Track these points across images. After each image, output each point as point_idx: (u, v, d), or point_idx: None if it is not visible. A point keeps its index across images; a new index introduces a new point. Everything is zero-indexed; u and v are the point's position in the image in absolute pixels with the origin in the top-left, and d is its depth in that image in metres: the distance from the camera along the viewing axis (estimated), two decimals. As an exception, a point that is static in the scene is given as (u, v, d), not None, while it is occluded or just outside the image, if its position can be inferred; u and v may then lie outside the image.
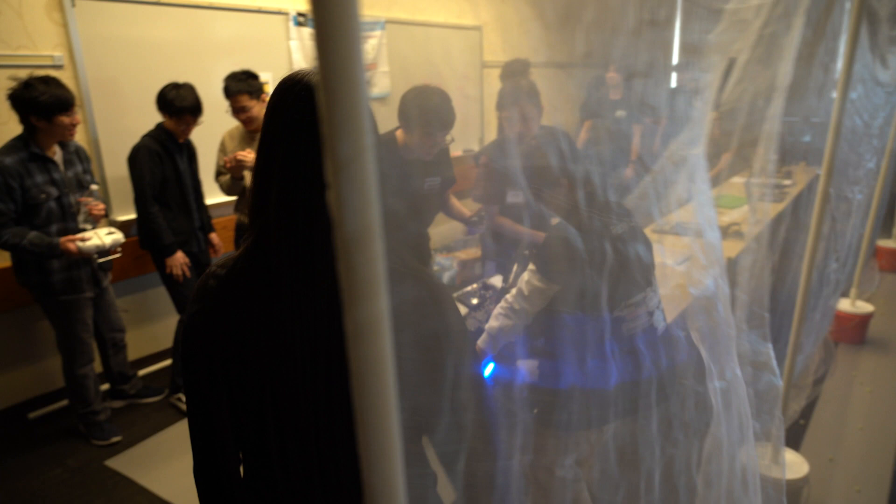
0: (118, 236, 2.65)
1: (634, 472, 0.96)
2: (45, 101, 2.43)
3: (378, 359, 0.45)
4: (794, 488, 2.29)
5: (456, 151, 3.07)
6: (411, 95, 2.41)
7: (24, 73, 2.47)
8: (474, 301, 2.18)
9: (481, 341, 1.83)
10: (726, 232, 3.58)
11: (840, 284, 3.21)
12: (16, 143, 2.51)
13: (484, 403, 0.72)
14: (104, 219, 2.80)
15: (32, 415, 3.10)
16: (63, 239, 2.52)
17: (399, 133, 2.49)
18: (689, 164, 0.92)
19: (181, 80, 2.95)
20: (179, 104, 2.86)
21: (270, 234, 0.89)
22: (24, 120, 2.48)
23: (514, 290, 1.78)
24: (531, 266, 1.73)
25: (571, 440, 1.36)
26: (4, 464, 2.75)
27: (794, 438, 2.78)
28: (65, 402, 3.09)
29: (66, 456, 2.83)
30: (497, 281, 2.26)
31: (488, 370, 1.90)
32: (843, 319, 3.67)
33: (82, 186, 2.73)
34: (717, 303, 1.01)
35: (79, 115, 2.60)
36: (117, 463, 2.76)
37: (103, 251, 2.62)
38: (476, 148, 5.31)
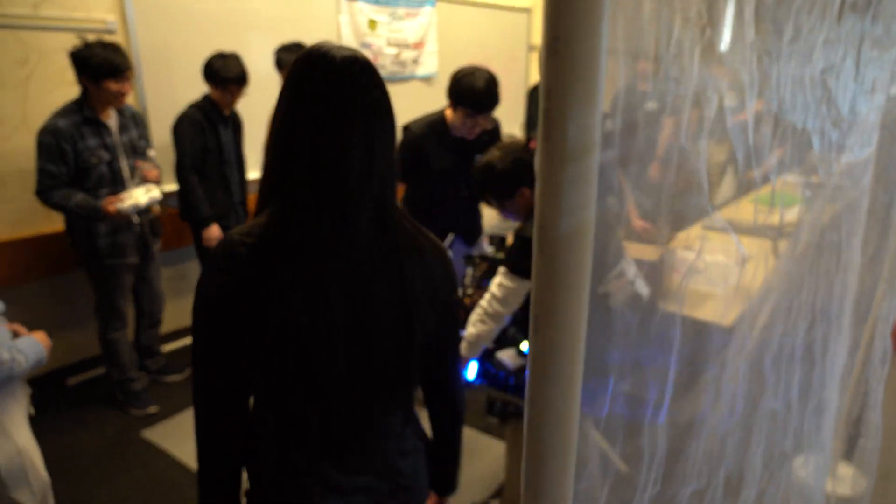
0: (155, 194, 2.62)
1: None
2: (95, 63, 2.42)
3: (568, 378, 0.38)
4: (851, 505, 2.19)
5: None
6: (460, 75, 2.40)
7: (92, 37, 2.48)
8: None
9: (462, 349, 1.81)
10: (781, 232, 3.44)
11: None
12: (71, 107, 2.53)
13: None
14: (156, 184, 2.79)
15: (71, 381, 3.12)
16: (104, 201, 2.52)
17: (448, 111, 2.51)
18: (856, 169, 0.84)
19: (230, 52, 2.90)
20: (225, 74, 2.81)
21: (303, 203, 0.90)
22: (78, 80, 2.49)
23: (487, 295, 1.77)
24: (501, 268, 1.72)
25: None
26: (42, 429, 2.76)
27: (847, 450, 2.66)
28: (102, 370, 3.10)
29: (103, 424, 2.83)
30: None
31: (472, 372, 1.92)
32: (897, 329, 3.51)
33: (136, 152, 2.72)
34: (843, 328, 0.93)
35: (128, 85, 2.58)
36: (154, 434, 2.77)
37: (140, 210, 2.60)
38: (517, 132, 5.20)
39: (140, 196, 2.57)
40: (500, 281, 1.73)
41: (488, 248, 2.23)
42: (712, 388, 0.74)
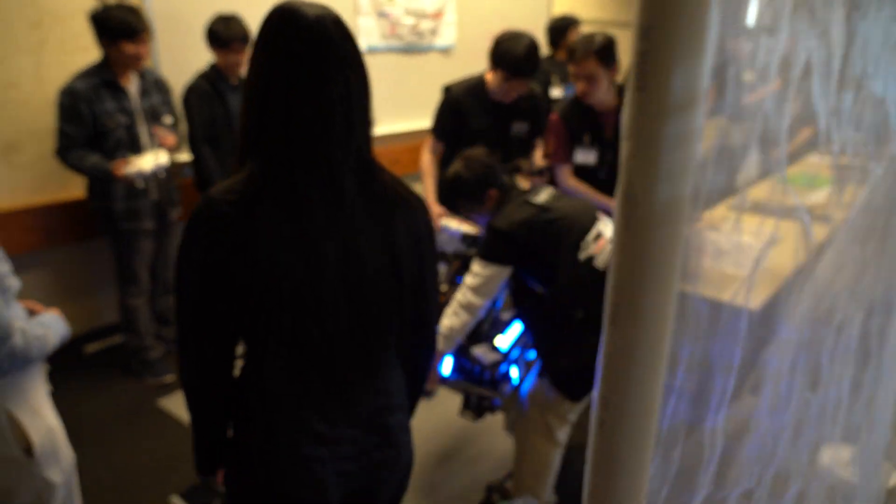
0: (162, 160, 2.59)
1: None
2: (111, 25, 2.42)
3: (650, 375, 0.32)
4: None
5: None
6: (503, 38, 2.44)
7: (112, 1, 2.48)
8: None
9: (436, 343, 1.79)
10: (812, 215, 3.34)
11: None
12: (91, 69, 2.53)
13: None
14: (173, 151, 2.77)
15: (88, 349, 3.12)
16: (114, 164, 2.52)
17: (488, 74, 2.57)
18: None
19: (246, 20, 2.83)
20: (228, 35, 2.75)
21: (281, 160, 0.91)
22: (98, 42, 2.48)
23: (462, 288, 1.79)
24: (475, 258, 1.76)
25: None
26: (59, 396, 2.76)
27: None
28: (120, 339, 3.10)
29: (119, 392, 2.84)
30: None
31: (447, 367, 1.95)
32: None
33: (157, 118, 2.70)
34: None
35: (145, 48, 2.54)
36: (169, 403, 2.77)
37: (145, 176, 2.57)
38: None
39: (145, 162, 2.54)
40: (474, 270, 1.76)
41: (461, 246, 2.23)
42: (770, 383, 0.68)
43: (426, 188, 2.74)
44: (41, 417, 1.34)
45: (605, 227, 1.81)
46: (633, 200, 0.29)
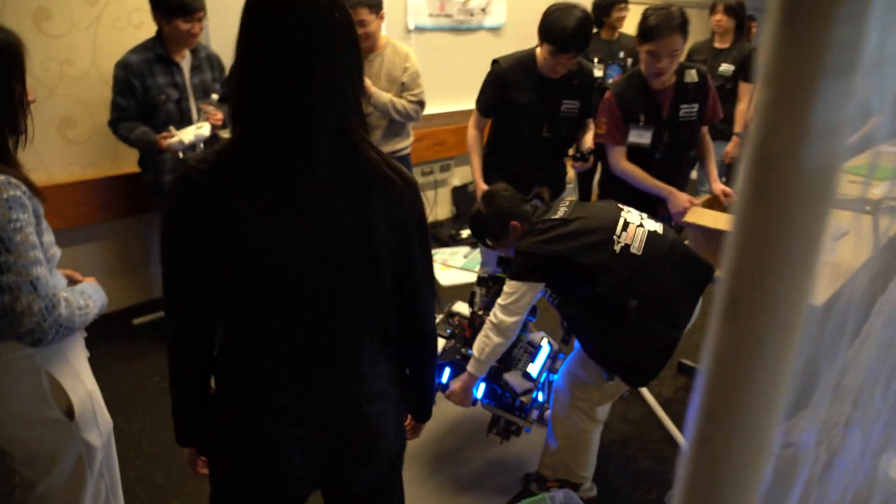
0: (203, 132, 2.60)
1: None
2: (166, 2, 2.44)
3: (772, 386, 0.26)
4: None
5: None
6: (553, 9, 2.34)
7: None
8: (447, 331, 2.14)
9: (471, 367, 1.83)
10: (878, 207, 3.14)
11: None
12: (146, 43, 2.58)
13: None
14: (221, 129, 2.78)
15: (137, 321, 3.20)
16: (159, 136, 2.54)
17: (538, 49, 2.47)
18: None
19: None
20: None
21: (260, 131, 0.90)
22: (154, 18, 2.52)
23: (494, 309, 1.79)
24: (507, 279, 1.79)
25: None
26: (108, 365, 2.85)
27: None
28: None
29: (165, 365, 2.87)
30: (463, 308, 2.18)
31: (480, 391, 1.95)
32: None
33: (207, 94, 2.72)
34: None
35: (199, 25, 2.56)
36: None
37: (186, 147, 2.57)
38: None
39: (187, 133, 2.56)
40: (505, 290, 1.79)
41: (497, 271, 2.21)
42: (865, 393, 0.60)
43: (473, 165, 2.67)
44: (81, 382, 1.37)
45: (630, 216, 1.83)
46: (769, 163, 0.22)
